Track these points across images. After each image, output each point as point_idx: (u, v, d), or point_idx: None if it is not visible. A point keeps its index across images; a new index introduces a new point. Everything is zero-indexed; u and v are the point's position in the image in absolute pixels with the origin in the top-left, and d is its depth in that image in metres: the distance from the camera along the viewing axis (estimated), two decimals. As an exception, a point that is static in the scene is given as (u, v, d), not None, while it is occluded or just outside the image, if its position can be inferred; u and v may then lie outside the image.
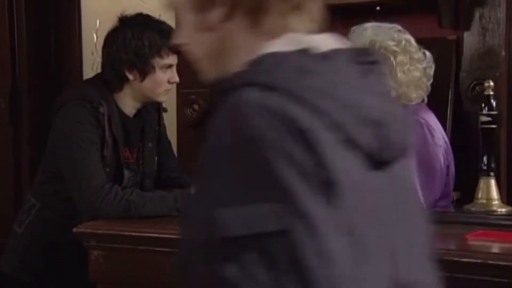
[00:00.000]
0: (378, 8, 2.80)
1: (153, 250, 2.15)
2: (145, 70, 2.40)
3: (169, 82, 2.46)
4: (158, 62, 2.41)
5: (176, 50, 2.43)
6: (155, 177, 2.61)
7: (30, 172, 3.77)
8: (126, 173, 2.47)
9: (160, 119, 2.64)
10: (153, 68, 2.41)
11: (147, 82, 2.42)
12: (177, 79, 2.49)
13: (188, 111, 3.47)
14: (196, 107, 3.46)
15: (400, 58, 2.39)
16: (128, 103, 2.48)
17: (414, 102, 2.41)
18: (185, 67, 3.56)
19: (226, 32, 1.12)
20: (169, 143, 2.74)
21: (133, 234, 2.18)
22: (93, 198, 2.28)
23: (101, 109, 2.37)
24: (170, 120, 3.11)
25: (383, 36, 2.39)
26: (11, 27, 3.79)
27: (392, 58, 2.37)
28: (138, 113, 2.53)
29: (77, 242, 2.24)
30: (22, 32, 3.80)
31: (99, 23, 3.72)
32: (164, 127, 2.70)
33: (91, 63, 3.63)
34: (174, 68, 2.47)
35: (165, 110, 2.67)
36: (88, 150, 2.33)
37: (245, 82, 1.03)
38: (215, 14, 1.11)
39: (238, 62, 1.08)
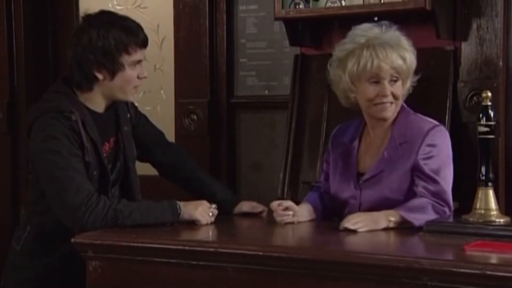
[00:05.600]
0: (376, 18, 2.80)
1: (151, 260, 2.15)
2: (114, 69, 2.39)
3: (138, 77, 2.46)
4: (126, 59, 2.40)
5: (143, 45, 2.43)
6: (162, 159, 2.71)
7: (27, 181, 3.77)
8: (110, 167, 2.48)
9: (128, 105, 2.63)
10: (122, 66, 2.40)
11: (117, 80, 2.42)
12: (145, 74, 2.48)
13: (186, 121, 3.48)
14: (194, 117, 3.46)
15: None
16: (98, 102, 2.47)
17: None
18: (183, 77, 3.60)
19: None
20: (146, 118, 2.76)
21: (131, 244, 2.17)
22: (81, 213, 2.27)
23: (73, 117, 2.36)
24: (168, 130, 3.12)
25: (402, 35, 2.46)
26: (9, 38, 3.79)
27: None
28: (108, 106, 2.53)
29: (75, 253, 2.23)
30: (20, 43, 3.80)
31: (98, 33, 3.72)
32: (135, 107, 2.70)
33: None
34: (143, 63, 2.47)
35: None
36: (67, 167, 2.32)
37: None
38: None
39: None
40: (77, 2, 3.85)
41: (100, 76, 2.40)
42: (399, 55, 2.37)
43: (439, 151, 2.37)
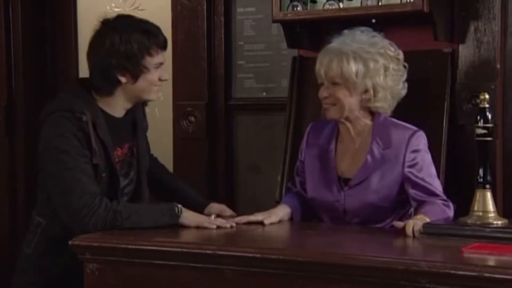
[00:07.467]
0: (373, 20, 2.81)
1: (149, 263, 2.14)
2: (137, 72, 2.40)
3: (159, 79, 2.46)
4: (149, 61, 2.41)
5: (164, 47, 2.44)
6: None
7: (25, 183, 3.78)
8: (122, 173, 2.48)
9: (144, 114, 2.65)
10: (146, 68, 2.41)
11: (140, 82, 2.42)
12: (167, 76, 2.50)
13: (184, 123, 3.48)
14: (192, 119, 3.46)
15: (393, 65, 2.48)
16: (118, 105, 2.47)
17: (376, 109, 2.48)
18: (181, 80, 3.61)
19: None
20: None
21: (129, 247, 2.17)
22: (83, 215, 2.28)
23: (84, 118, 2.36)
24: (166, 132, 3.12)
25: (383, 42, 2.50)
26: (7, 40, 3.79)
27: (389, 62, 2.46)
28: (127, 111, 2.53)
29: None
30: (18, 45, 3.80)
31: (96, 35, 3.72)
32: (147, 123, 2.70)
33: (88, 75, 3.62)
34: (163, 66, 2.47)
35: (145, 103, 2.64)
36: (75, 168, 2.31)
37: None
38: None
39: None
40: (75, 5, 3.86)
41: (123, 79, 2.40)
42: (334, 62, 2.43)
43: (422, 156, 2.44)
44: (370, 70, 2.43)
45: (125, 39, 2.37)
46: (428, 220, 2.26)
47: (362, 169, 2.46)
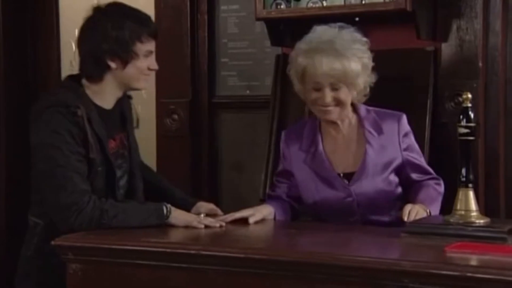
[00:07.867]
0: (357, 19, 2.82)
1: (133, 263, 2.13)
2: (127, 57, 2.40)
3: (148, 69, 2.47)
4: (140, 48, 2.42)
5: (155, 36, 2.45)
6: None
7: (6, 178, 3.75)
8: (116, 165, 2.46)
9: (130, 107, 2.64)
10: (136, 54, 2.41)
11: (129, 69, 2.42)
12: (156, 66, 2.49)
13: (167, 121, 3.47)
14: (175, 116, 3.45)
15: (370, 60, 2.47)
16: (108, 94, 2.46)
17: (359, 101, 2.48)
18: (164, 77, 3.60)
19: None
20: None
21: (113, 247, 2.16)
22: (70, 213, 2.26)
23: (79, 112, 2.34)
24: (149, 130, 3.10)
25: (360, 35, 2.46)
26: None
27: (370, 56, 2.44)
28: (115, 102, 2.53)
29: None
30: (-1, 42, 3.78)
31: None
32: (132, 116, 2.70)
33: (70, 73, 3.59)
34: (153, 55, 2.48)
35: (130, 97, 2.63)
36: (66, 165, 2.30)
37: None
38: None
39: None
40: (57, 1, 3.85)
41: (112, 64, 2.40)
42: (336, 64, 2.37)
43: (411, 137, 2.53)
44: (365, 67, 2.43)
45: (118, 26, 2.39)
46: (426, 208, 2.35)
47: (364, 160, 2.46)
